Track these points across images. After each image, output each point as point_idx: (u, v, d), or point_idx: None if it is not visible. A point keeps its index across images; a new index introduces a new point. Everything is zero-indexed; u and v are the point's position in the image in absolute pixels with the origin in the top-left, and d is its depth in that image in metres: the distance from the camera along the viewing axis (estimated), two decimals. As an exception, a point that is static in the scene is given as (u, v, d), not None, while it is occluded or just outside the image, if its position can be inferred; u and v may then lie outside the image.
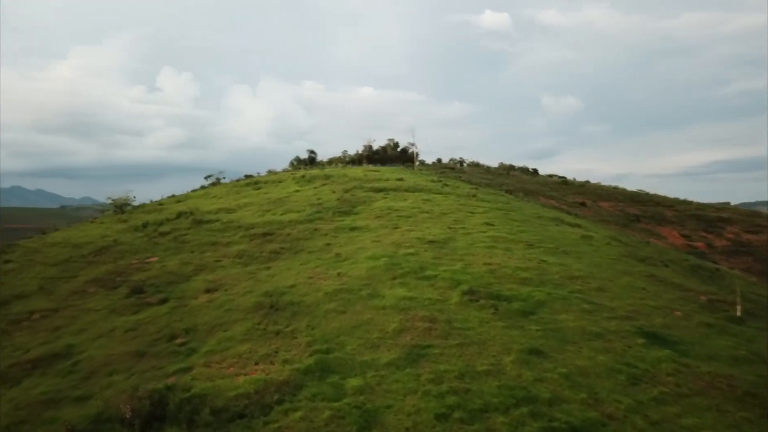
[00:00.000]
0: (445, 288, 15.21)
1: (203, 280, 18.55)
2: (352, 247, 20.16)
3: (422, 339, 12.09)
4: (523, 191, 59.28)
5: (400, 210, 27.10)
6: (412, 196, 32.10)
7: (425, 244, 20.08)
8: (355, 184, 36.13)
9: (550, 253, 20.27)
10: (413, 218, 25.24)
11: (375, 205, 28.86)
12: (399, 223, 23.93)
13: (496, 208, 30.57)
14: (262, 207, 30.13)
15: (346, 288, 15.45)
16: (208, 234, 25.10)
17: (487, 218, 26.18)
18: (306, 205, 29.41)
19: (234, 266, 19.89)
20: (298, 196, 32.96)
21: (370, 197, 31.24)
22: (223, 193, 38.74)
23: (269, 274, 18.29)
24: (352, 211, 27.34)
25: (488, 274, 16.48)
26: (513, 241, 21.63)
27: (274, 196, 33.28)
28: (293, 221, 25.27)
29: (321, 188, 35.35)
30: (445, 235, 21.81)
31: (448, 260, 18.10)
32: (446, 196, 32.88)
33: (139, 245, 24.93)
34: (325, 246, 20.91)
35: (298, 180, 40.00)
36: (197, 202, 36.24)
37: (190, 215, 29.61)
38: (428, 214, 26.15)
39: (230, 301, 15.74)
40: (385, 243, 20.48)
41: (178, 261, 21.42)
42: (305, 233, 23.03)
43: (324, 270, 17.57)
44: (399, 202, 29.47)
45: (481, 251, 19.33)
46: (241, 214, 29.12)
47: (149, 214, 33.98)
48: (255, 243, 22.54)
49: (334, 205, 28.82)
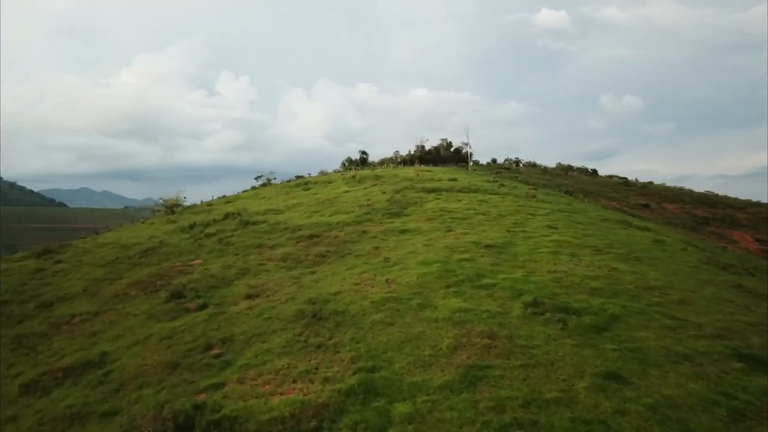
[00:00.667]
0: (506, 299, 13.70)
1: (245, 284, 17.81)
2: (402, 252, 18.91)
3: (480, 358, 10.69)
4: (582, 192, 56.37)
5: (454, 211, 25.62)
6: (466, 196, 30.51)
7: (482, 249, 18.56)
8: (406, 184, 34.91)
9: (621, 260, 18.28)
10: (468, 220, 23.72)
11: (427, 206, 27.51)
12: (453, 226, 22.48)
13: (558, 209, 28.51)
14: (310, 208, 29.42)
15: (394, 297, 14.21)
16: (254, 236, 24.53)
17: (550, 221, 24.28)
18: (355, 206, 28.44)
19: (278, 270, 19.08)
20: (348, 196, 32.06)
21: (421, 198, 29.92)
22: (273, 194, 38.47)
23: (314, 279, 17.32)
24: (403, 213, 26.10)
25: (554, 284, 14.80)
26: (579, 246, 19.74)
27: (323, 197, 32.54)
28: (341, 223, 24.31)
29: (371, 189, 34.36)
30: (503, 238, 20.19)
31: (507, 267, 16.53)
32: (503, 197, 31.08)
33: (184, 247, 24.69)
34: (373, 250, 19.76)
35: (348, 180, 39.21)
36: (246, 203, 36.07)
37: (238, 216, 29.28)
38: (484, 216, 24.55)
39: (271, 309, 14.84)
40: (438, 247, 19.11)
41: (222, 264, 20.86)
42: (353, 236, 21.98)
43: (371, 276, 16.40)
44: (452, 203, 27.98)
45: (544, 257, 17.62)
46: (289, 215, 28.50)
47: (198, 215, 34.08)
48: (301, 246, 21.71)
49: (384, 206, 27.68)
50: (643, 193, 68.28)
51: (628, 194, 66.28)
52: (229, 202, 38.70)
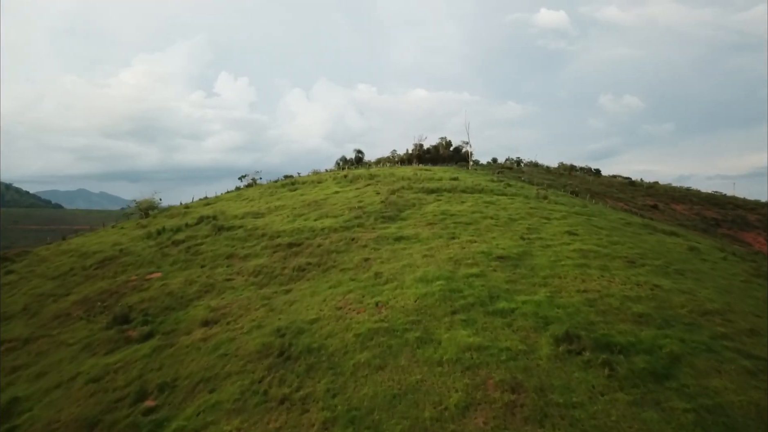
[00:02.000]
0: (529, 329, 10.80)
1: (205, 306, 14.89)
2: (397, 265, 15.99)
3: (502, 423, 7.81)
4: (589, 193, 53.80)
5: (458, 215, 22.69)
6: (470, 198, 27.60)
7: (493, 261, 15.65)
8: (403, 184, 32.00)
9: (661, 274, 15.41)
10: (475, 226, 20.80)
11: (426, 209, 24.58)
12: (457, 232, 19.56)
13: (574, 212, 25.64)
14: (294, 211, 26.48)
15: (386, 327, 11.31)
16: (226, 243, 21.60)
17: (568, 225, 21.38)
18: (345, 208, 25.51)
19: (247, 287, 16.15)
20: (337, 198, 29.13)
21: (420, 200, 27.01)
22: (256, 195, 35.53)
23: (288, 300, 14.40)
24: (399, 217, 23.16)
25: (587, 308, 11.90)
26: (608, 256, 16.85)
27: (310, 199, 29.61)
28: (327, 229, 21.38)
29: (364, 189, 31.43)
30: (518, 248, 17.29)
31: (527, 285, 13.63)
32: (512, 199, 28.18)
33: (146, 256, 21.75)
34: (362, 262, 16.82)
35: (339, 180, 36.26)
36: (226, 205, 33.15)
37: (212, 220, 26.35)
38: (493, 221, 21.63)
39: (230, 342, 11.93)
40: (440, 259, 16.20)
41: (184, 278, 17.93)
42: (340, 244, 19.04)
43: (358, 297, 13.49)
44: (456, 206, 25.08)
45: (570, 272, 14.72)
46: (270, 219, 25.57)
47: (171, 219, 31.17)
48: (278, 256, 18.77)
49: (378, 209, 24.75)
50: (650, 194, 65.87)
51: (635, 195, 63.88)
52: (208, 204, 35.76)
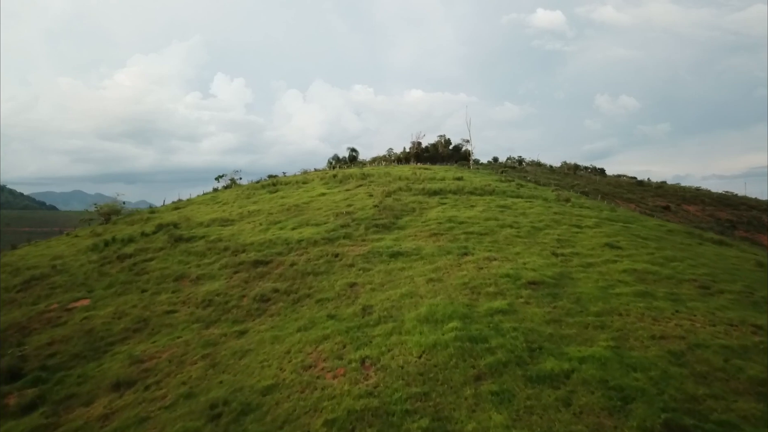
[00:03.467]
0: (600, 413, 6.89)
1: (127, 354, 10.91)
2: (393, 293, 12.01)
3: None
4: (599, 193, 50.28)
5: (468, 223, 18.74)
6: (481, 201, 23.66)
7: (524, 289, 11.70)
8: (400, 185, 28.03)
9: (749, 306, 11.50)
10: (491, 237, 16.85)
11: (429, 215, 20.61)
12: (470, 246, 15.59)
13: (606, 218, 21.72)
14: (269, 217, 22.47)
15: (375, 405, 7.35)
16: (180, 260, 17.60)
17: (606, 236, 17.47)
18: (330, 214, 21.51)
19: (189, 325, 12.15)
20: (323, 201, 25.14)
21: (421, 203, 23.07)
22: (231, 198, 31.49)
23: (239, 348, 10.41)
24: (395, 225, 19.17)
25: (677, 368, 7.98)
26: (671, 279, 12.94)
27: (291, 202, 25.60)
28: (306, 241, 17.38)
29: (354, 191, 27.45)
30: (551, 268, 13.35)
31: (576, 327, 9.70)
32: (530, 202, 24.24)
33: (80, 276, 17.72)
34: (346, 289, 12.84)
35: (327, 181, 32.22)
36: (195, 210, 29.13)
37: (172, 229, 22.34)
38: (513, 230, 17.67)
39: (139, 425, 7.93)
40: (451, 285, 12.24)
41: (114, 308, 13.94)
42: (319, 263, 15.04)
43: (337, 347, 9.51)
44: (464, 211, 21.13)
45: (631, 304, 10.80)
46: (239, 227, 21.56)
47: (131, 226, 27.12)
48: (238, 279, 14.77)
49: (370, 214, 20.77)
50: (659, 194, 62.51)
51: (645, 195, 60.53)
52: (177, 208, 31.72)
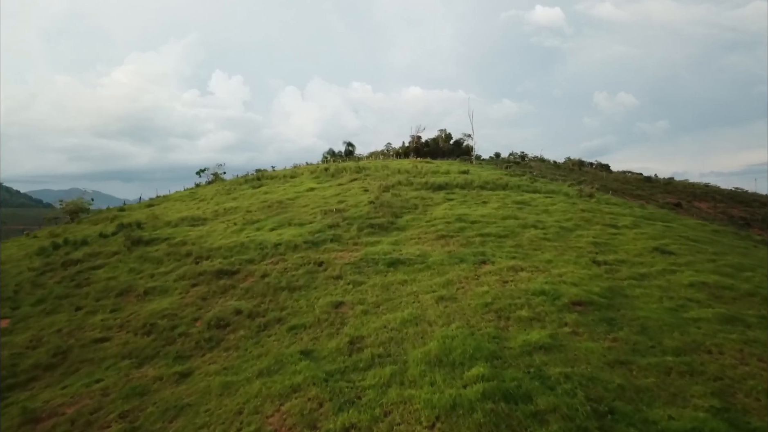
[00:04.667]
0: None
1: (19, 410, 7.89)
2: (391, 318, 9.04)
3: None
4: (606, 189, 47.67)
5: (483, 222, 15.74)
6: (494, 196, 20.66)
7: (567, 312, 8.73)
8: (400, 178, 25.03)
9: None
10: (513, 239, 13.85)
11: (434, 212, 17.62)
12: (488, 252, 12.58)
13: (642, 216, 18.74)
14: (247, 216, 19.46)
15: None
16: (132, 268, 14.60)
17: (650, 237, 14.51)
18: (318, 212, 18.51)
19: (117, 362, 9.13)
20: (311, 197, 22.12)
21: (424, 199, 20.09)
22: (211, 194, 28.43)
23: (173, 403, 7.42)
24: (394, 225, 16.16)
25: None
26: (754, 296, 10.00)
27: (274, 198, 22.57)
28: (284, 245, 14.36)
29: (348, 186, 24.44)
30: (597, 281, 10.39)
31: (656, 374, 6.76)
32: (550, 197, 21.26)
33: (12, 288, 14.69)
34: (329, 311, 9.85)
35: (318, 174, 29.15)
36: (169, 207, 26.11)
37: (132, 230, 19.33)
38: (539, 231, 14.67)
39: None
40: (468, 306, 9.27)
41: (32, 334, 10.94)
42: (297, 274, 12.04)
43: (309, 408, 6.53)
44: (476, 208, 18.14)
45: (719, 335, 7.87)
46: (211, 227, 18.56)
47: (95, 226, 24.14)
48: (195, 294, 11.76)
49: (364, 212, 17.79)
50: (668, 191, 59.87)
51: (654, 192, 57.89)
52: (150, 206, 28.66)
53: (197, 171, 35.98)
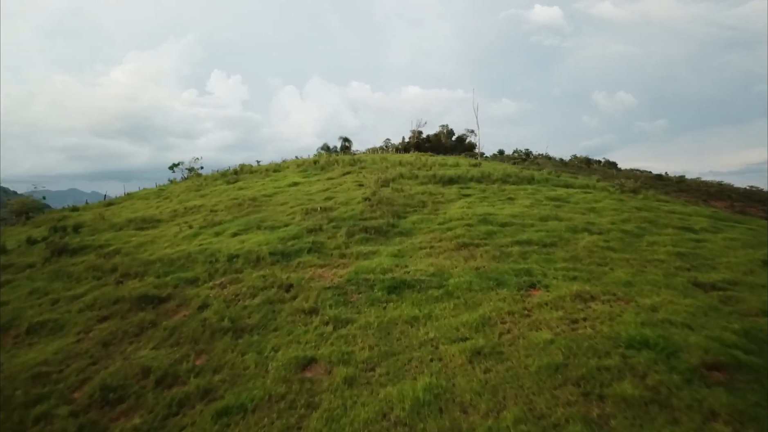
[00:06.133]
0: None
1: None
2: (393, 396, 5.28)
3: None
4: None
5: (516, 223, 11.86)
6: (521, 191, 16.81)
7: (704, 386, 4.95)
8: (402, 170, 21.16)
9: None
10: (564, 248, 10.00)
11: (449, 211, 13.75)
12: (534, 268, 8.74)
13: (712, 217, 14.92)
14: (209, 217, 15.61)
15: None
16: (32, 289, 10.75)
17: (749, 246, 10.73)
18: (298, 211, 14.65)
19: None
20: (292, 193, 18.26)
21: (433, 195, 16.26)
22: (180, 190, 24.55)
23: None
24: (396, 228, 12.26)
25: None
26: None
27: (248, 195, 18.71)
28: (245, 257, 10.51)
29: (339, 180, 20.58)
30: (721, 320, 6.61)
31: None
32: (591, 193, 17.44)
33: None
34: (289, 377, 6.06)
35: (306, 168, 25.26)
36: (126, 207, 22.24)
37: (65, 234, 15.52)
38: (597, 237, 10.80)
39: None
40: (525, 370, 5.49)
41: None
42: (253, 304, 8.20)
43: None
44: (503, 206, 14.28)
45: None
46: (162, 231, 14.72)
47: (37, 228, 20.35)
48: (93, 339, 7.92)
49: (358, 211, 13.94)
50: (682, 189, 56.42)
51: (668, 190, 54.29)
52: (110, 204, 24.77)
53: (170, 166, 32.01)
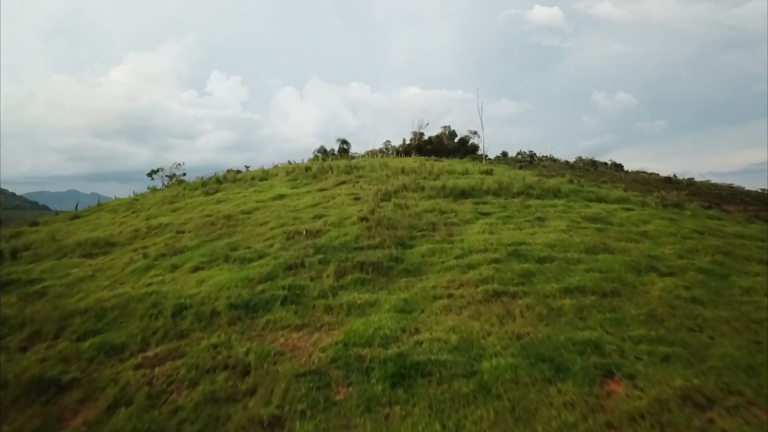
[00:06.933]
0: None
1: None
2: None
3: None
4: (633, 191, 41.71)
5: (556, 258, 9.17)
6: (549, 208, 14.15)
7: None
8: (405, 181, 18.48)
9: None
10: (631, 300, 7.32)
11: (466, 237, 11.04)
12: (603, 339, 6.14)
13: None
14: (173, 240, 12.95)
15: None
16: None
17: None
18: (280, 234, 11.97)
19: None
20: (276, 209, 15.58)
21: (444, 213, 13.60)
22: (154, 201, 21.86)
23: None
24: (400, 264, 9.56)
25: None
26: None
27: (224, 211, 16.02)
28: (196, 311, 7.86)
29: (333, 191, 17.93)
30: None
31: None
32: (636, 210, 14.78)
33: None
34: None
35: (296, 176, 22.57)
36: (89, 222, 19.57)
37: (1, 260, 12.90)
38: (670, 281, 8.15)
39: None
40: None
41: None
42: (185, 404, 5.59)
43: None
44: (531, 229, 11.59)
45: None
46: (110, 260, 12.05)
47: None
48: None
49: (352, 236, 11.24)
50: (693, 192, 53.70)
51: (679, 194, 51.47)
52: (77, 217, 22.09)
53: (148, 173, 29.31)
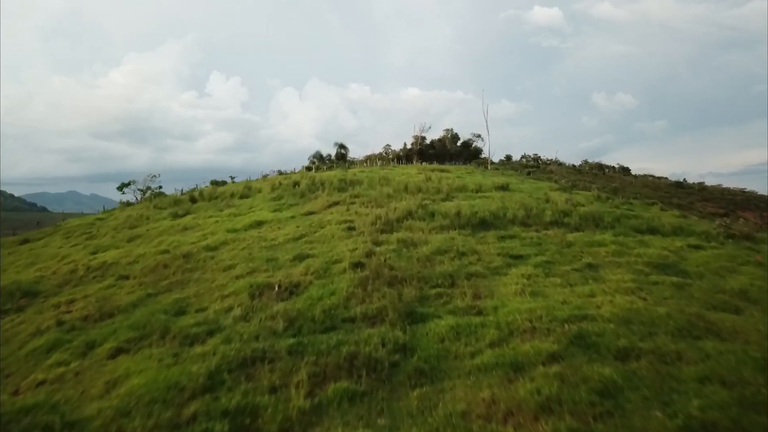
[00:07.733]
0: None
1: None
2: None
3: None
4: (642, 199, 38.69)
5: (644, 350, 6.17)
6: (600, 250, 11.10)
7: None
8: (410, 204, 15.40)
9: None
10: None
11: (501, 306, 7.97)
12: None
13: None
14: (107, 293, 9.93)
15: None
16: None
17: None
18: (244, 288, 8.96)
19: None
20: (249, 243, 12.52)
21: (463, 256, 10.56)
22: (116, 224, 18.79)
23: None
24: (409, 360, 6.41)
25: None
26: None
27: (187, 244, 13.01)
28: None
29: (322, 216, 14.90)
30: None
31: None
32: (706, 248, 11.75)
33: None
34: None
35: (282, 194, 19.47)
36: (34, 251, 16.57)
37: None
38: None
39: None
40: None
41: None
42: None
43: None
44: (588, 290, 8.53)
45: None
46: (3, 330, 9.06)
47: None
48: None
49: (341, 297, 8.21)
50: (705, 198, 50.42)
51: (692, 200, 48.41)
52: (26, 242, 19.06)
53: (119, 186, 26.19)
